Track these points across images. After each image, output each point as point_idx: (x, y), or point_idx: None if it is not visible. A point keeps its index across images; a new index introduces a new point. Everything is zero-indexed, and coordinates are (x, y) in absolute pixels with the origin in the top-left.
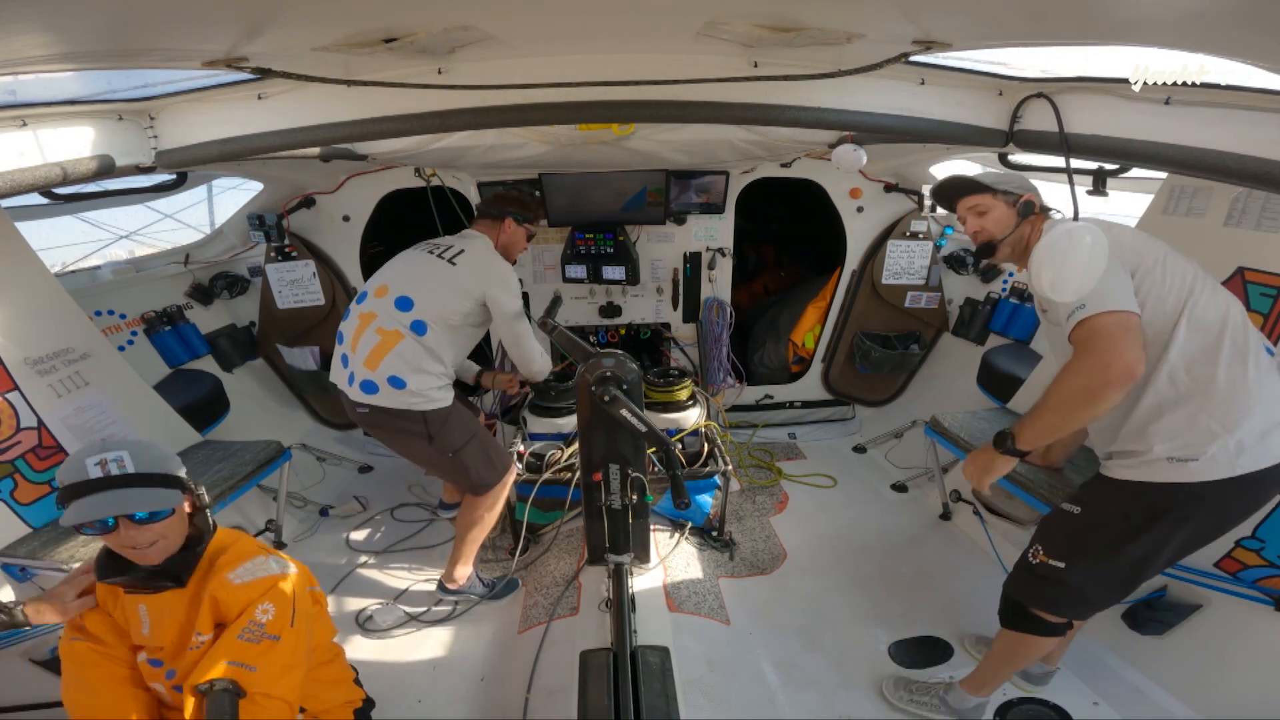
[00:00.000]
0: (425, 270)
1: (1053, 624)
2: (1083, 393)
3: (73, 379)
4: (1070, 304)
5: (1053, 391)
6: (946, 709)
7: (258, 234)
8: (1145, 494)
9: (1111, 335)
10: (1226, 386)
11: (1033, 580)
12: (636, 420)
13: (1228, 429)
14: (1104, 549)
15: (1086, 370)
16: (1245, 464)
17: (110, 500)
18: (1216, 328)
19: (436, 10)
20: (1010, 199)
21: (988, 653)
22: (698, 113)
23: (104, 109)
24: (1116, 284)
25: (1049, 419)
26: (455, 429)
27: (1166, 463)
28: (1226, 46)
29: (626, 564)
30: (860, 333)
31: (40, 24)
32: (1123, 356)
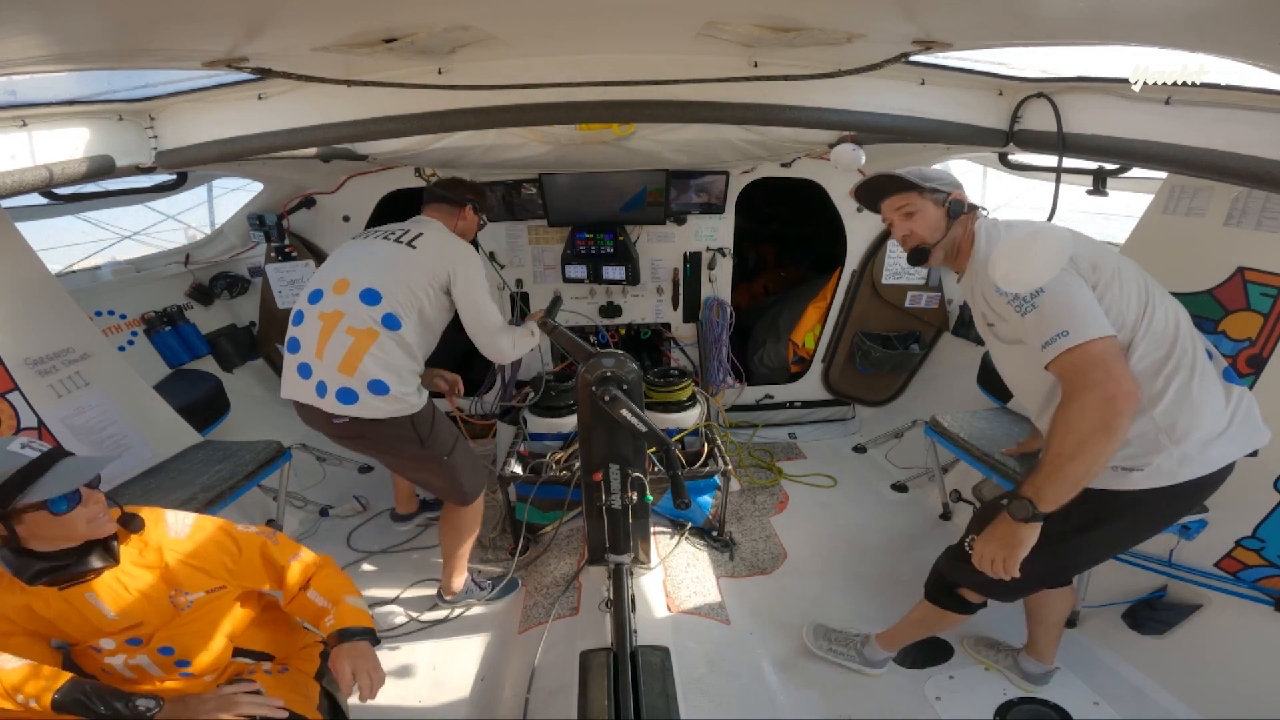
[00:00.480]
0: (387, 257)
1: (974, 605)
2: (1099, 431)
3: (73, 379)
4: (1043, 331)
5: (1064, 440)
6: (860, 659)
7: (258, 234)
8: (1087, 498)
9: (1105, 363)
10: (1175, 398)
11: (967, 567)
12: (636, 420)
13: (1174, 441)
14: (1041, 547)
15: (1092, 406)
16: (1186, 473)
17: (73, 468)
18: (1169, 339)
19: (436, 10)
20: (939, 198)
21: (906, 616)
22: (698, 113)
23: (104, 109)
24: (1093, 308)
25: (1072, 469)
26: (443, 429)
27: (1111, 471)
28: (1226, 46)
29: (626, 564)
30: (860, 333)
31: (40, 24)
32: (1123, 383)
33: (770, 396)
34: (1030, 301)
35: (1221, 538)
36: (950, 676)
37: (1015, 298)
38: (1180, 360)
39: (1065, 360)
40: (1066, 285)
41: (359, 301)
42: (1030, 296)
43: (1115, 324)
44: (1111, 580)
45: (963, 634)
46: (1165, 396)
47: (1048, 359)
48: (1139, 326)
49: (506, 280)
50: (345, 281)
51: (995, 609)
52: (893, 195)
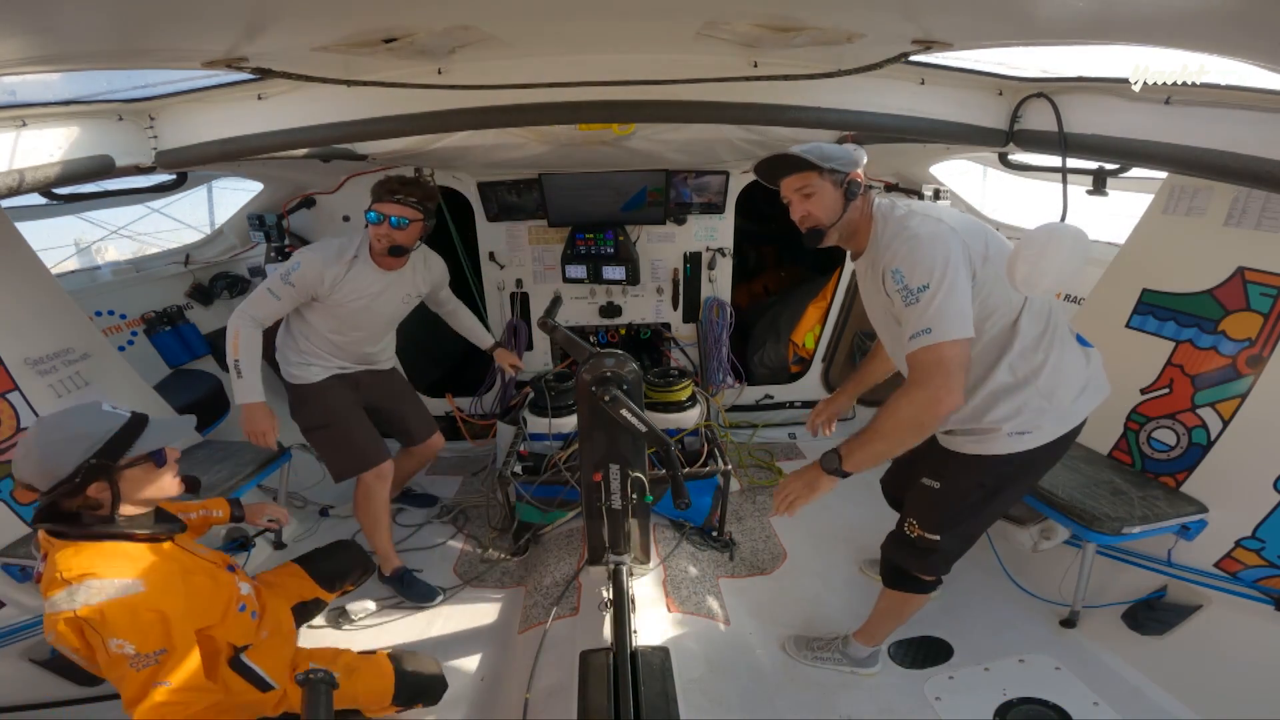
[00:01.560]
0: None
1: (928, 582)
2: (914, 423)
3: (73, 379)
4: (914, 324)
5: (885, 418)
6: (848, 661)
7: (258, 234)
8: (994, 464)
9: (949, 369)
10: (1053, 367)
11: (912, 550)
12: (637, 420)
13: (1053, 404)
14: (968, 516)
15: (920, 402)
16: (1061, 429)
17: (167, 426)
18: (1045, 314)
19: (436, 10)
20: (837, 178)
21: (875, 609)
22: (698, 113)
23: (104, 109)
24: (962, 310)
25: (879, 445)
26: (313, 411)
27: (1008, 437)
28: (1226, 46)
29: (626, 564)
30: (860, 332)
31: (40, 24)
32: (955, 392)
33: (770, 396)
34: (915, 295)
35: (1221, 538)
36: (950, 677)
37: (904, 288)
38: (1055, 332)
39: (919, 354)
40: (948, 285)
41: None
42: (916, 290)
43: (999, 301)
44: (1111, 580)
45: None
46: (1046, 367)
47: (909, 349)
48: (1023, 305)
49: (506, 280)
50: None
51: (989, 607)
52: (792, 174)
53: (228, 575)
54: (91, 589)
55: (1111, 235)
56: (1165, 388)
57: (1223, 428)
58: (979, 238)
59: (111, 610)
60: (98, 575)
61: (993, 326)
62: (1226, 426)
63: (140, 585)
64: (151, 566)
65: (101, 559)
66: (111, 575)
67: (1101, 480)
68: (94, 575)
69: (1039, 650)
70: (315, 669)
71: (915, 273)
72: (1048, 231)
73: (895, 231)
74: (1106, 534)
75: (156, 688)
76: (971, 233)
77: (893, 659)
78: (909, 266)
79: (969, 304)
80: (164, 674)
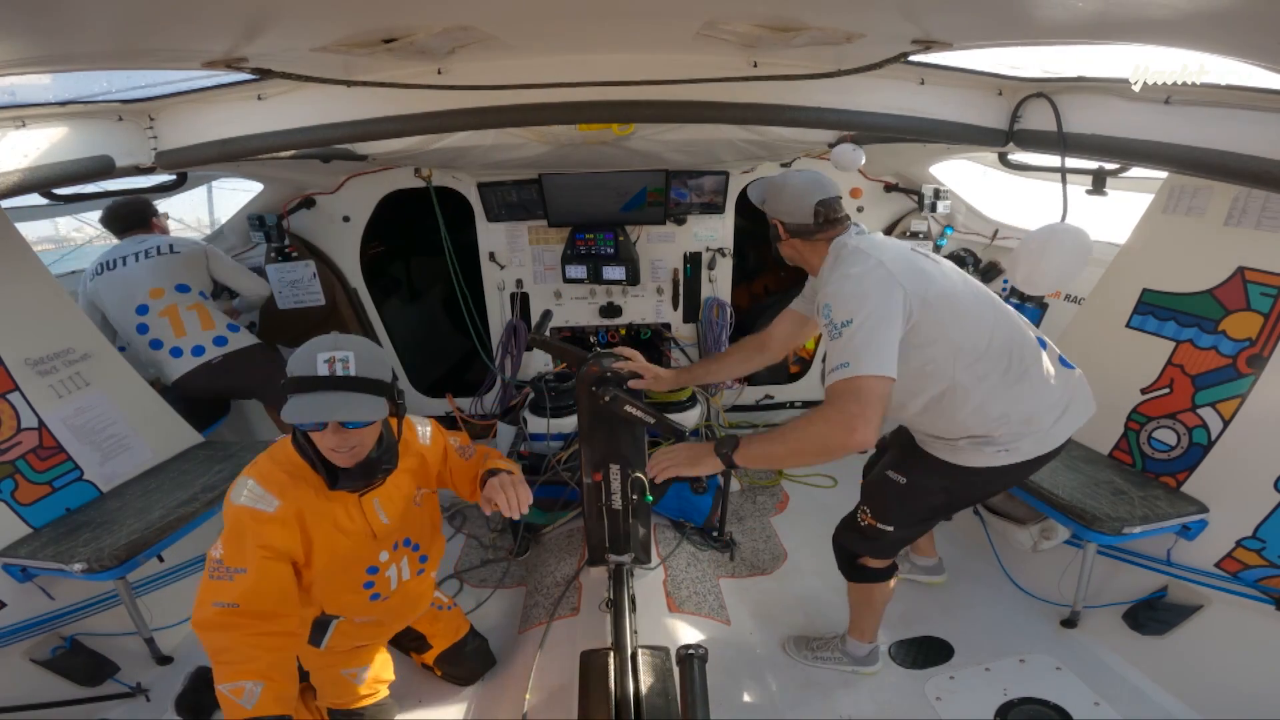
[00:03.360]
0: (168, 264)
1: (881, 570)
2: (820, 444)
3: (73, 379)
4: (835, 358)
5: (793, 430)
6: (847, 659)
7: (258, 234)
8: (965, 473)
9: (866, 400)
10: (1029, 396)
11: (862, 538)
12: (643, 413)
13: (1032, 428)
14: (924, 513)
15: (832, 426)
16: (1040, 449)
17: (327, 403)
18: (1009, 347)
19: (436, 11)
20: (771, 217)
21: (850, 606)
22: (698, 113)
23: (104, 109)
24: (884, 349)
25: (776, 450)
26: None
27: (985, 454)
28: (1226, 46)
29: (627, 564)
30: None
31: (40, 25)
32: (870, 425)
33: (770, 396)
34: (839, 330)
35: (1222, 538)
36: (950, 677)
37: (830, 323)
38: (1021, 364)
39: (837, 387)
40: (870, 324)
41: (177, 292)
42: (840, 325)
43: (968, 348)
44: (1112, 580)
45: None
46: (1017, 400)
47: (828, 382)
48: (984, 347)
49: (507, 280)
50: (160, 289)
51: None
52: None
53: (368, 550)
54: (246, 488)
55: (1111, 235)
56: (1166, 387)
57: (1223, 427)
58: (920, 281)
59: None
60: (258, 480)
61: (938, 368)
62: (1227, 426)
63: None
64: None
65: (275, 467)
66: (268, 486)
67: (1102, 480)
68: (256, 478)
69: (1039, 650)
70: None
71: (841, 309)
72: (1048, 232)
73: (832, 267)
74: (1107, 534)
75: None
76: (912, 276)
77: (893, 659)
78: (837, 302)
79: (892, 344)
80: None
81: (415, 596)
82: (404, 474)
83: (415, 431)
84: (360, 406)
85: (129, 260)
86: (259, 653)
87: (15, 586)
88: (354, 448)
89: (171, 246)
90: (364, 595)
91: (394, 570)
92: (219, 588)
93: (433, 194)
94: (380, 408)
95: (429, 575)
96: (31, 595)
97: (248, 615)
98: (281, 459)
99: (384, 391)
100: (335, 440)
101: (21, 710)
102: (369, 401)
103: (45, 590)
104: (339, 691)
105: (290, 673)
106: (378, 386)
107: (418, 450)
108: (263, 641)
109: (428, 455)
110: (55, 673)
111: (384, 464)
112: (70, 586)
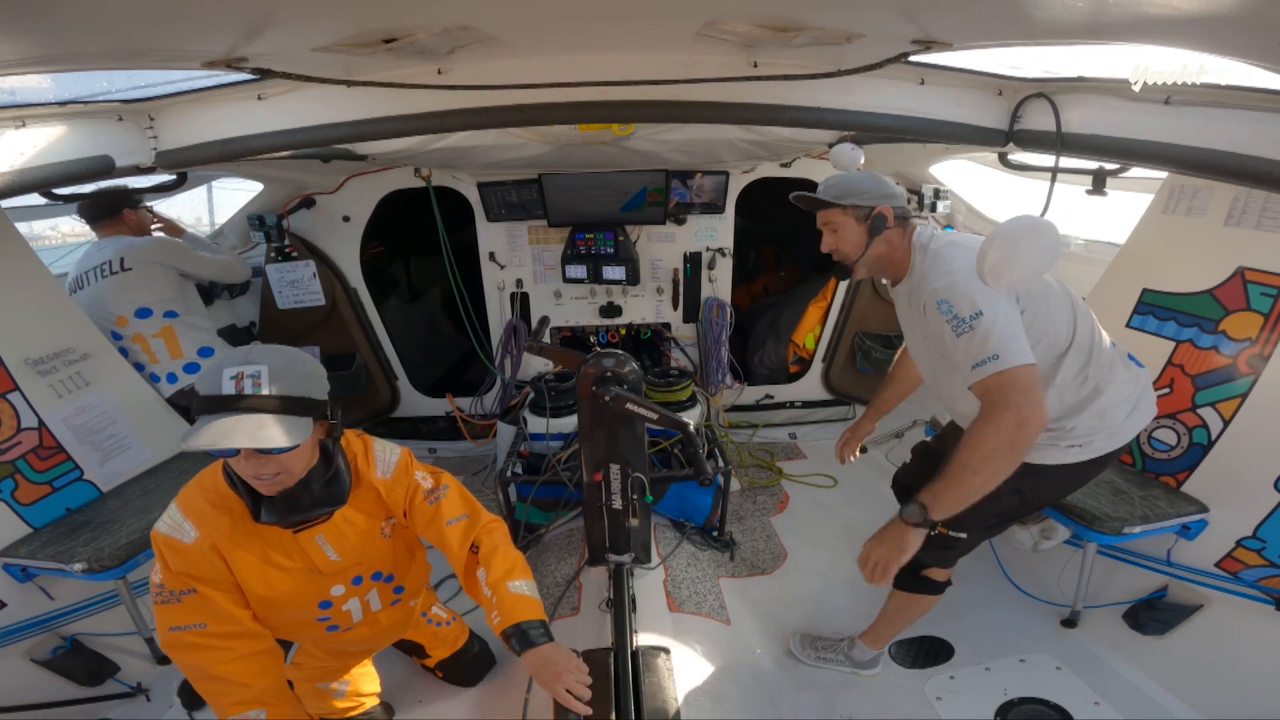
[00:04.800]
0: (122, 285)
1: (939, 583)
2: (1006, 449)
3: (73, 379)
4: (976, 353)
5: (972, 453)
6: (850, 662)
7: (258, 234)
8: (1038, 472)
9: (1025, 389)
10: (1103, 391)
11: (932, 547)
12: (646, 410)
13: (1105, 423)
14: (999, 518)
15: (1006, 426)
16: (1111, 445)
17: (235, 426)
18: (1089, 343)
19: (436, 11)
20: (860, 214)
21: (883, 610)
22: (698, 113)
23: (104, 109)
24: (1021, 336)
25: (972, 482)
26: None
27: (1059, 450)
28: (1226, 46)
29: (627, 564)
30: (860, 332)
31: (40, 25)
32: (1038, 410)
33: (770, 396)
34: (968, 323)
35: (1222, 538)
36: (951, 676)
37: (955, 318)
38: (1100, 359)
39: (991, 382)
40: (1002, 312)
41: (137, 319)
42: (969, 318)
43: (1050, 342)
44: (1112, 580)
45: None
46: (1097, 392)
47: (974, 379)
48: (1070, 340)
49: (507, 280)
50: (123, 318)
51: (988, 607)
52: (819, 210)
53: (315, 585)
54: (169, 514)
55: (1111, 235)
56: (1166, 387)
57: (1223, 427)
58: None
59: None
60: (180, 507)
61: (1040, 358)
62: (1227, 426)
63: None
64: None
65: (199, 494)
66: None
67: (1102, 480)
68: (179, 504)
69: (1040, 650)
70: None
71: (963, 302)
72: (1023, 223)
73: (933, 263)
74: (1107, 534)
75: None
76: None
77: (893, 659)
78: (955, 297)
79: (1022, 331)
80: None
81: (389, 626)
82: (355, 510)
83: (373, 461)
84: (271, 429)
85: (92, 278)
86: (248, 679)
87: (15, 586)
88: (277, 475)
89: (123, 261)
90: (319, 628)
91: (355, 604)
92: (170, 611)
93: (432, 194)
94: (301, 429)
95: (406, 603)
96: (31, 595)
97: (220, 637)
98: (208, 485)
99: (309, 410)
100: (251, 467)
101: (21, 710)
102: (286, 423)
103: (45, 590)
104: (319, 704)
105: (285, 694)
106: (300, 405)
107: (372, 484)
108: (243, 664)
109: (386, 494)
110: (55, 673)
111: (323, 502)
112: (70, 586)
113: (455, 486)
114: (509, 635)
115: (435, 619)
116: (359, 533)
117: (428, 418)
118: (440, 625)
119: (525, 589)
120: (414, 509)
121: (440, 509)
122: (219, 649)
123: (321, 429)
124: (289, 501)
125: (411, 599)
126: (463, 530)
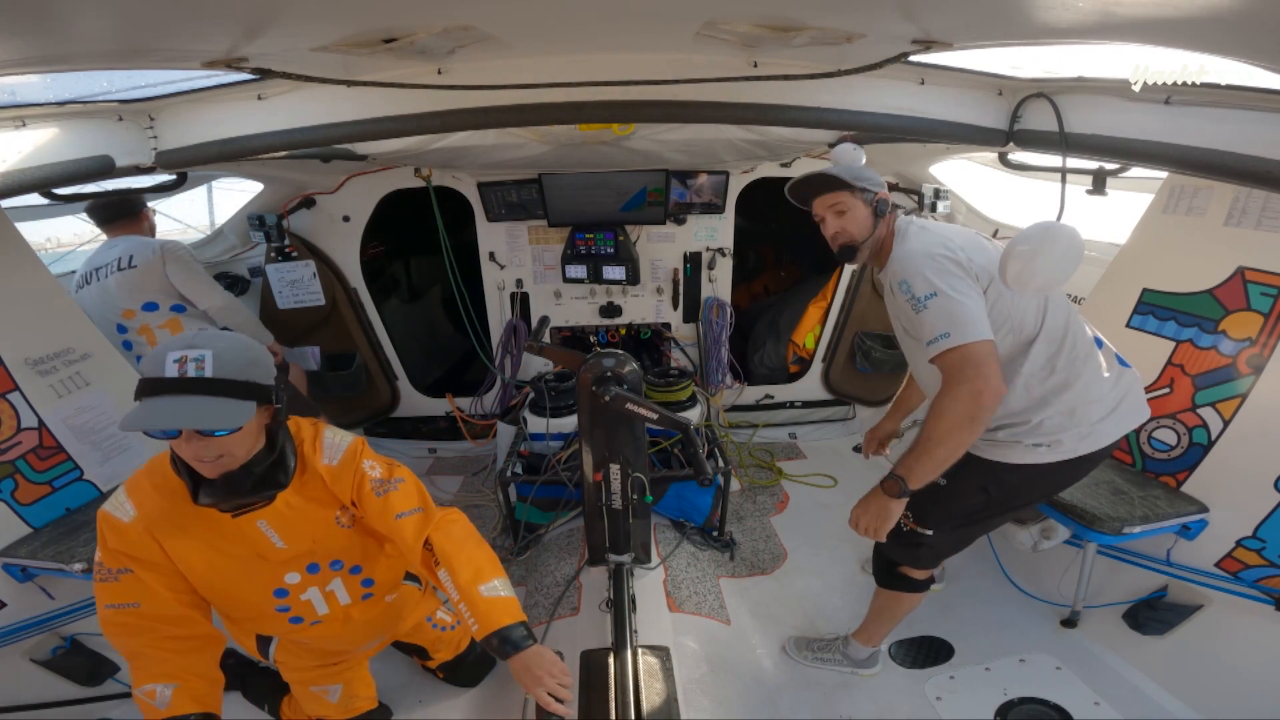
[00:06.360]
0: (130, 280)
1: (918, 580)
2: (965, 420)
3: (73, 379)
4: (930, 329)
5: (934, 426)
6: (848, 661)
7: (258, 234)
8: (1002, 471)
9: (978, 363)
10: (1071, 386)
11: (902, 543)
12: (646, 410)
13: (1074, 421)
14: (964, 518)
15: (962, 398)
16: (1085, 447)
17: (176, 408)
18: (1060, 334)
19: (436, 10)
20: (868, 197)
21: (870, 608)
22: (698, 113)
23: (104, 109)
24: (977, 313)
25: (938, 453)
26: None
27: (1024, 448)
28: (1226, 46)
29: (627, 564)
30: (860, 332)
31: (40, 25)
32: (990, 381)
33: (770, 396)
34: (924, 302)
35: (1222, 538)
36: (951, 676)
37: (913, 297)
38: (1073, 351)
39: (947, 357)
40: (959, 290)
41: (143, 311)
42: (925, 297)
43: (1013, 327)
44: (1112, 580)
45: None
46: (1065, 386)
47: (931, 353)
48: (1037, 326)
49: (507, 280)
50: (130, 311)
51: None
52: (826, 193)
53: (265, 572)
54: (116, 494)
55: (1111, 235)
56: (1166, 387)
57: (1223, 427)
58: (984, 255)
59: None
60: (125, 487)
61: (1003, 343)
62: (1227, 426)
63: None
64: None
65: (145, 476)
66: (130, 494)
67: (1102, 480)
68: (125, 485)
69: (1040, 650)
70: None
71: (919, 281)
72: (1043, 230)
73: (901, 244)
74: (1107, 534)
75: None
76: (977, 250)
77: (893, 659)
78: (913, 277)
79: (981, 310)
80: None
81: (365, 623)
82: (302, 497)
83: (320, 447)
84: (212, 411)
85: (103, 274)
86: (166, 655)
87: (15, 586)
88: (220, 458)
89: (131, 259)
90: (280, 619)
91: (315, 594)
92: (107, 590)
93: (432, 194)
94: (242, 413)
95: (380, 599)
96: (31, 595)
97: (150, 618)
98: (155, 467)
99: (253, 394)
100: (192, 450)
101: (21, 710)
102: (227, 406)
103: (45, 590)
104: (313, 706)
105: (206, 673)
106: (242, 389)
107: (317, 471)
108: (168, 644)
109: (331, 481)
110: (55, 673)
111: (262, 486)
112: (70, 586)
113: (411, 480)
114: (490, 641)
115: (440, 624)
116: (306, 520)
117: (428, 418)
118: (445, 630)
119: (500, 588)
120: (362, 499)
121: (389, 501)
122: (149, 630)
123: (266, 413)
124: (228, 484)
125: (387, 594)
126: (415, 525)
